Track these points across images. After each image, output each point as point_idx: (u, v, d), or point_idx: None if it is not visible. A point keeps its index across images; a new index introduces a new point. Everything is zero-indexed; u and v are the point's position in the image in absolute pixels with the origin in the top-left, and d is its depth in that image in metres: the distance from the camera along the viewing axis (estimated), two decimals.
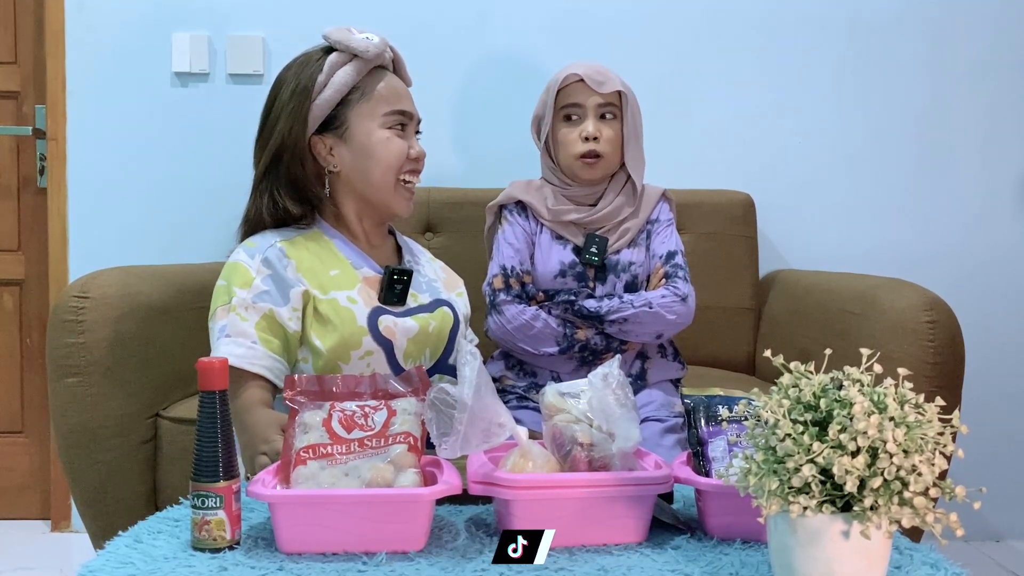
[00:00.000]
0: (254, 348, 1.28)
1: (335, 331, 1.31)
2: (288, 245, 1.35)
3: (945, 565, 0.92)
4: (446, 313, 1.44)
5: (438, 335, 1.42)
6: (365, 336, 1.32)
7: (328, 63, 1.37)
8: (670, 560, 0.94)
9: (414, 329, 1.37)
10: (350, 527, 0.94)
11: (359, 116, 1.38)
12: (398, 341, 1.35)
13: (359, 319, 1.32)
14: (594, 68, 1.62)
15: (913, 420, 0.80)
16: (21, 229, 2.40)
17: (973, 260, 2.36)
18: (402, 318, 1.37)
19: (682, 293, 1.60)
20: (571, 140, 1.62)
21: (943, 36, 2.34)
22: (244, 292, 1.30)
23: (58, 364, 1.52)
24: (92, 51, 2.27)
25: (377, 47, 1.37)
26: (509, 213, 1.70)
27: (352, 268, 1.38)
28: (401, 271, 1.39)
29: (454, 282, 1.55)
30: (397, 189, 1.40)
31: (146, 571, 0.88)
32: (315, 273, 1.34)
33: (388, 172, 1.39)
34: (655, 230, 1.68)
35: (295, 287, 1.31)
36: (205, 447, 0.94)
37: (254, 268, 1.32)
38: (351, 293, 1.34)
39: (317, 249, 1.38)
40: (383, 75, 1.40)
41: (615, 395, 1.02)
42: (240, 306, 1.30)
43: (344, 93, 1.37)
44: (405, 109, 1.40)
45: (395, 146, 1.39)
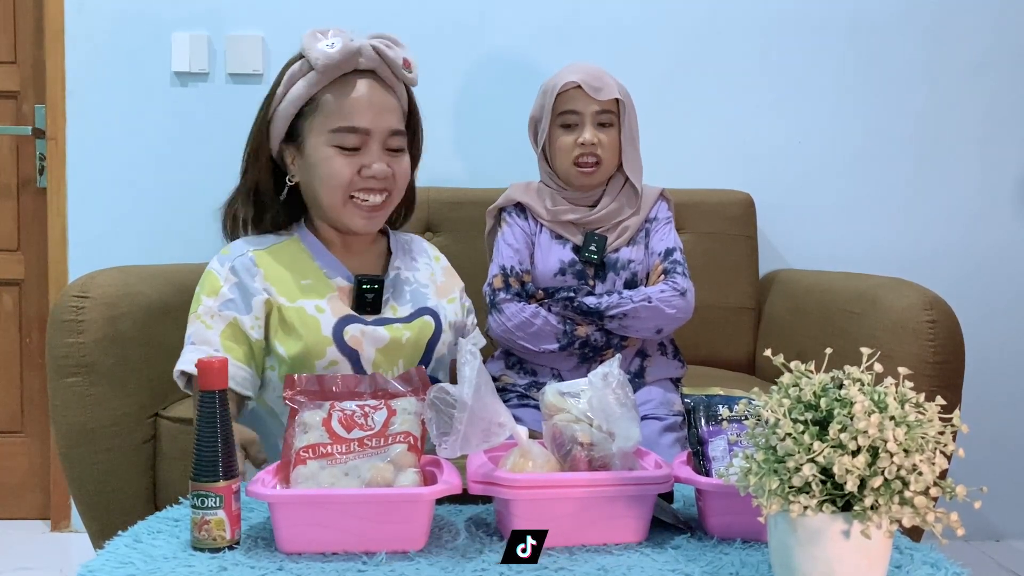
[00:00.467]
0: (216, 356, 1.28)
1: (299, 339, 1.30)
2: (260, 254, 1.36)
3: (945, 565, 0.92)
4: (426, 323, 1.39)
5: (413, 346, 1.37)
6: (329, 346, 1.30)
7: (288, 73, 1.34)
8: (670, 560, 0.94)
9: (384, 339, 1.33)
10: (350, 527, 0.94)
11: (310, 131, 1.34)
12: (365, 351, 1.32)
13: (324, 328, 1.30)
14: (592, 74, 1.62)
15: (913, 419, 0.80)
16: (21, 229, 2.40)
17: (973, 259, 2.36)
18: (373, 327, 1.33)
19: (681, 288, 1.60)
20: (568, 147, 1.63)
21: (942, 36, 2.34)
22: (210, 300, 1.32)
23: (58, 364, 1.52)
24: (92, 51, 2.26)
25: (331, 58, 1.29)
26: (508, 215, 1.71)
27: (326, 277, 1.36)
28: (371, 279, 1.35)
29: (449, 287, 1.51)
30: (347, 207, 1.34)
31: (146, 571, 0.88)
32: (284, 282, 1.33)
33: (332, 192, 1.33)
34: (653, 228, 1.68)
35: (257, 296, 1.31)
36: (205, 447, 0.94)
37: (222, 276, 1.33)
38: (320, 302, 1.32)
39: (291, 258, 1.37)
40: (346, 85, 1.32)
41: (615, 395, 1.02)
42: (206, 314, 1.31)
43: (300, 105, 1.34)
44: (355, 125, 1.31)
45: (336, 166, 1.31)
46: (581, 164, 1.62)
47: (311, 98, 1.33)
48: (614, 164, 1.65)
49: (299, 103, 1.34)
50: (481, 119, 2.31)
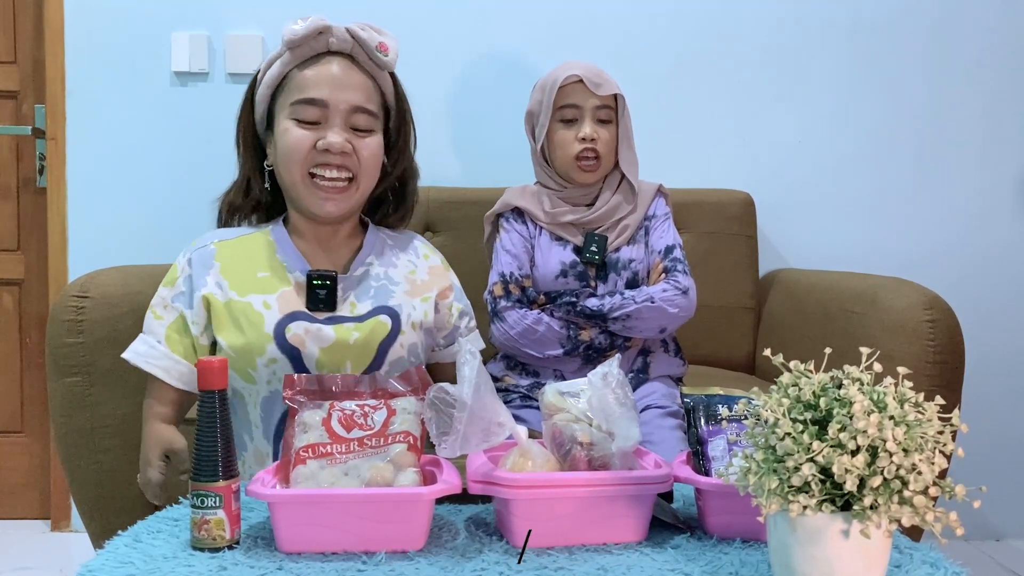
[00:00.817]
0: (155, 348, 1.30)
1: (242, 335, 1.28)
2: (223, 245, 1.36)
3: (945, 564, 0.92)
4: (380, 323, 1.33)
5: (362, 347, 1.31)
6: (269, 343, 1.28)
7: (267, 58, 1.36)
8: (670, 559, 0.94)
9: (330, 339, 1.29)
10: (349, 526, 0.94)
11: (279, 109, 1.34)
12: (308, 349, 1.28)
13: (267, 326, 1.28)
14: (592, 70, 1.63)
15: (913, 419, 0.80)
16: (20, 229, 2.40)
17: (973, 259, 2.36)
18: (319, 325, 1.29)
19: (683, 286, 1.60)
20: (568, 141, 1.63)
21: (943, 36, 2.34)
22: (166, 291, 1.34)
23: (58, 364, 1.52)
24: (91, 51, 2.26)
25: (296, 32, 1.29)
26: (506, 221, 1.70)
27: (285, 271, 1.34)
28: (323, 275, 1.32)
29: (427, 287, 1.43)
30: (306, 185, 1.32)
31: (146, 571, 0.88)
32: (240, 274, 1.33)
33: (291, 167, 1.31)
34: (653, 225, 1.68)
35: (199, 291, 1.31)
36: (204, 447, 0.94)
37: (180, 268, 1.35)
38: (268, 298, 1.30)
39: (254, 250, 1.36)
40: (316, 63, 1.32)
41: (615, 394, 1.02)
42: (158, 305, 1.33)
43: (274, 86, 1.35)
44: (312, 96, 1.29)
45: (291, 137, 1.30)
46: (582, 159, 1.62)
47: (284, 77, 1.34)
48: (611, 160, 1.66)
49: (273, 83, 1.35)
50: (481, 119, 2.31)
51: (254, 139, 1.41)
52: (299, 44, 1.31)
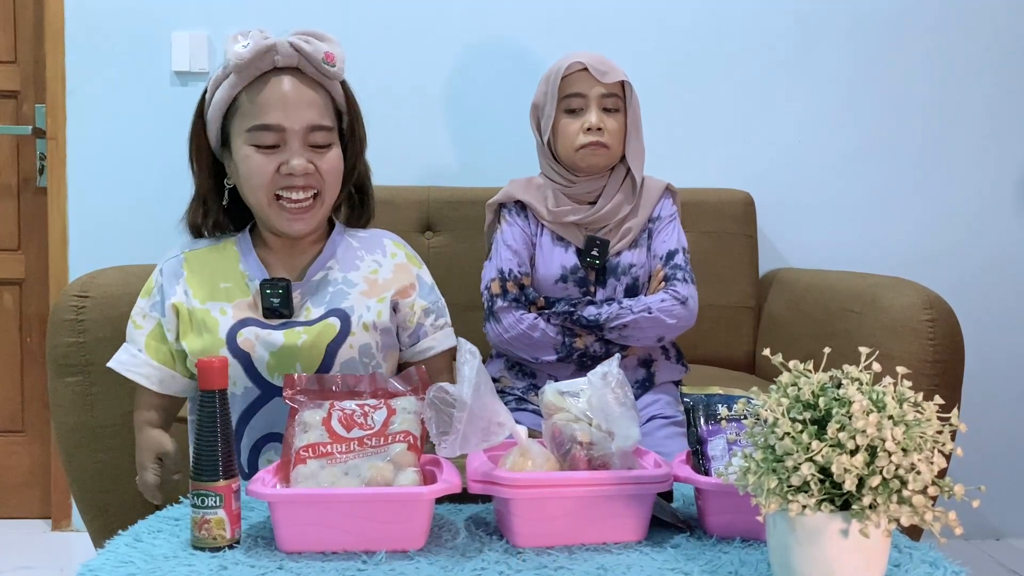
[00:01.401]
0: (136, 356, 1.33)
1: (200, 340, 1.32)
2: (191, 255, 1.39)
3: (944, 564, 0.92)
4: (328, 325, 1.32)
5: (309, 349, 1.31)
6: (222, 347, 1.30)
7: (213, 78, 1.35)
8: (669, 559, 0.94)
9: (278, 344, 1.30)
10: (350, 526, 0.94)
11: (234, 132, 1.34)
12: (257, 353, 1.30)
13: (221, 331, 1.31)
14: (597, 58, 1.59)
15: (912, 418, 0.80)
16: (21, 228, 2.40)
17: (974, 259, 2.36)
18: (268, 330, 1.31)
19: (682, 296, 1.57)
20: (573, 131, 1.59)
21: (944, 35, 2.34)
22: (143, 301, 1.37)
23: (58, 363, 1.52)
24: (92, 50, 2.26)
25: (242, 57, 1.27)
26: (508, 213, 1.67)
27: (245, 281, 1.36)
28: (275, 283, 1.33)
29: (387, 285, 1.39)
30: (272, 207, 1.32)
31: (146, 570, 0.88)
32: (204, 284, 1.36)
33: (255, 192, 1.32)
34: (657, 228, 1.65)
35: (169, 300, 1.34)
36: (204, 446, 0.94)
37: (155, 278, 1.38)
38: (225, 306, 1.33)
39: (218, 261, 1.38)
40: (264, 84, 1.31)
41: (614, 394, 1.02)
42: (137, 315, 1.36)
43: (224, 109, 1.34)
44: (268, 122, 1.29)
45: (253, 164, 1.31)
46: (587, 147, 1.58)
47: (233, 100, 1.33)
48: (619, 150, 1.62)
49: (223, 106, 1.34)
50: (481, 117, 2.31)
51: (209, 158, 1.40)
52: (246, 67, 1.30)
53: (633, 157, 1.63)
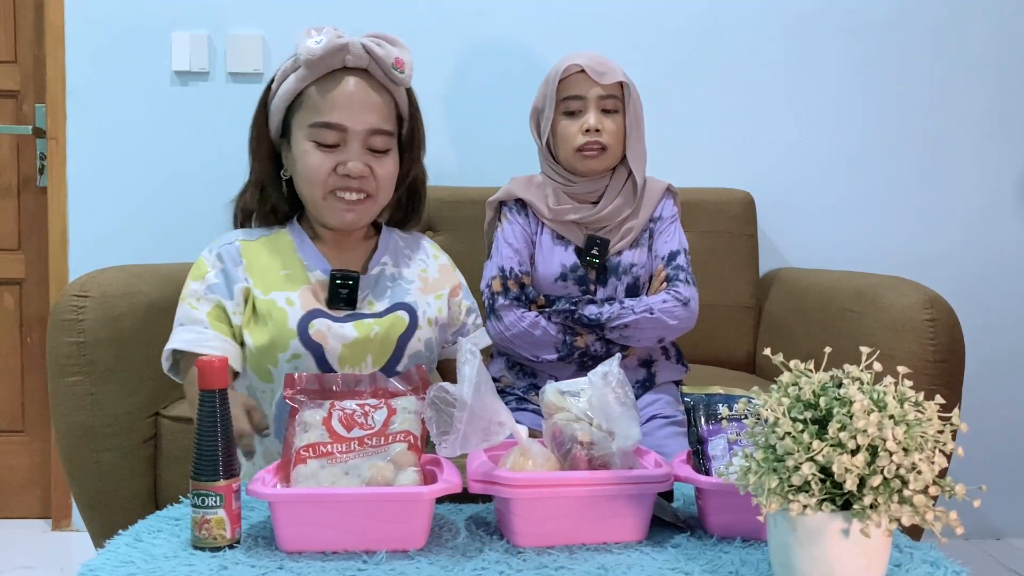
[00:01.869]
0: (204, 332, 1.31)
1: (266, 331, 1.31)
2: (246, 244, 1.39)
3: (945, 563, 0.92)
4: (398, 318, 1.37)
5: (382, 341, 1.35)
6: (293, 339, 1.30)
7: (282, 69, 1.37)
8: (670, 558, 0.94)
9: (351, 336, 1.32)
10: (350, 526, 0.94)
11: (296, 125, 1.36)
12: (330, 345, 1.31)
13: (290, 322, 1.31)
14: (595, 59, 1.59)
15: (913, 418, 0.80)
16: (21, 228, 2.40)
17: (974, 259, 2.36)
18: (341, 323, 1.33)
19: (683, 297, 1.57)
20: (572, 133, 1.59)
21: (944, 35, 2.34)
22: (196, 284, 1.35)
23: (58, 363, 1.52)
24: (92, 50, 2.26)
25: (314, 53, 1.30)
26: (509, 211, 1.67)
27: (304, 270, 1.37)
28: (346, 275, 1.35)
29: (439, 284, 1.47)
30: (327, 202, 1.35)
31: (146, 570, 0.88)
32: (264, 272, 1.35)
33: (310, 187, 1.34)
34: (658, 228, 1.65)
35: (238, 284, 1.34)
36: (205, 446, 0.94)
37: (209, 263, 1.37)
38: (291, 295, 1.33)
39: (275, 249, 1.39)
40: (333, 81, 1.33)
41: (615, 393, 1.02)
42: (191, 296, 1.34)
43: (289, 101, 1.36)
44: (331, 121, 1.32)
45: (311, 161, 1.33)
46: (586, 150, 1.58)
47: (299, 93, 1.35)
48: (619, 151, 1.61)
49: (288, 98, 1.36)
50: (481, 116, 2.31)
51: (268, 147, 1.42)
52: (317, 63, 1.31)
53: (634, 159, 1.63)
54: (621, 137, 1.61)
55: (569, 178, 1.64)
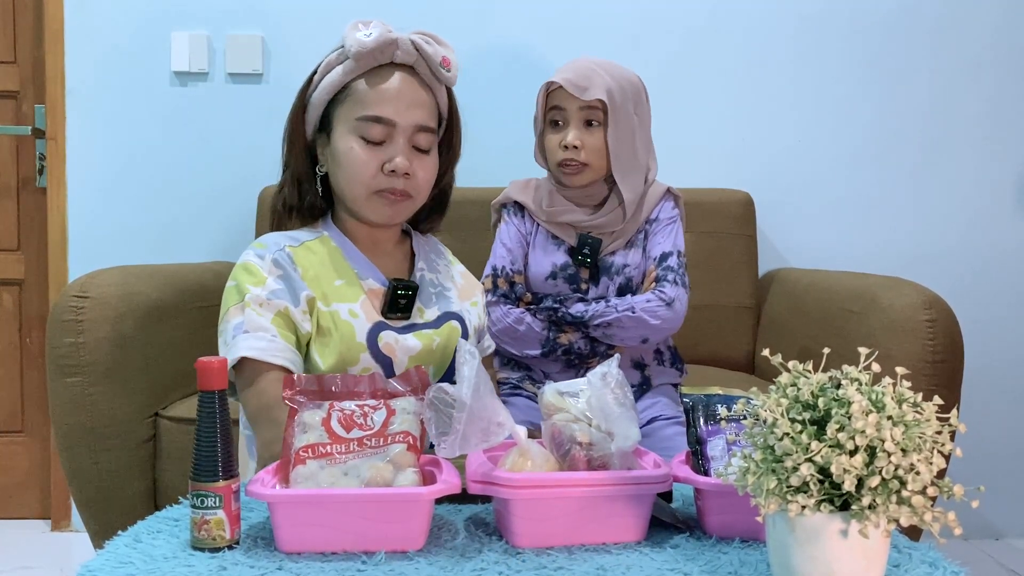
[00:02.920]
0: (275, 341, 1.23)
1: (334, 346, 1.26)
2: (295, 251, 1.31)
3: (943, 564, 0.92)
4: (453, 328, 1.36)
5: (443, 351, 1.34)
6: (364, 352, 1.26)
7: (325, 61, 1.32)
8: (669, 559, 0.94)
9: (416, 348, 1.30)
10: (349, 526, 0.94)
11: (339, 119, 1.31)
12: (398, 359, 1.28)
13: (359, 335, 1.27)
14: (581, 72, 1.57)
15: (911, 419, 0.80)
16: (20, 229, 2.41)
17: (973, 259, 2.36)
18: (404, 335, 1.30)
19: (668, 297, 1.56)
20: (554, 147, 1.60)
21: (944, 35, 2.34)
22: (258, 290, 1.26)
23: (58, 364, 1.53)
24: (91, 50, 2.27)
25: (365, 46, 1.27)
26: (507, 213, 1.70)
27: (357, 279, 1.32)
28: (406, 285, 1.31)
29: (470, 290, 1.46)
30: (370, 200, 1.31)
31: (145, 571, 0.88)
32: (319, 282, 1.29)
33: (352, 183, 1.30)
34: (653, 230, 1.65)
35: (303, 291, 1.27)
36: (204, 447, 0.94)
37: (265, 268, 1.28)
38: (353, 306, 1.28)
39: (324, 256, 1.33)
40: (380, 76, 1.30)
41: (614, 394, 1.02)
42: (255, 302, 1.25)
43: (333, 93, 1.31)
44: (380, 115, 1.28)
45: (356, 157, 1.29)
46: (564, 165, 1.59)
47: (344, 86, 1.31)
48: (602, 165, 1.60)
49: (333, 90, 1.31)
50: (481, 116, 2.29)
51: (304, 141, 1.37)
52: (366, 56, 1.28)
53: (622, 174, 1.60)
54: (603, 152, 1.59)
55: (564, 182, 1.66)
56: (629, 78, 1.62)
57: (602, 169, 1.61)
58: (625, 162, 1.61)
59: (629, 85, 1.61)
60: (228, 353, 1.23)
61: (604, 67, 1.60)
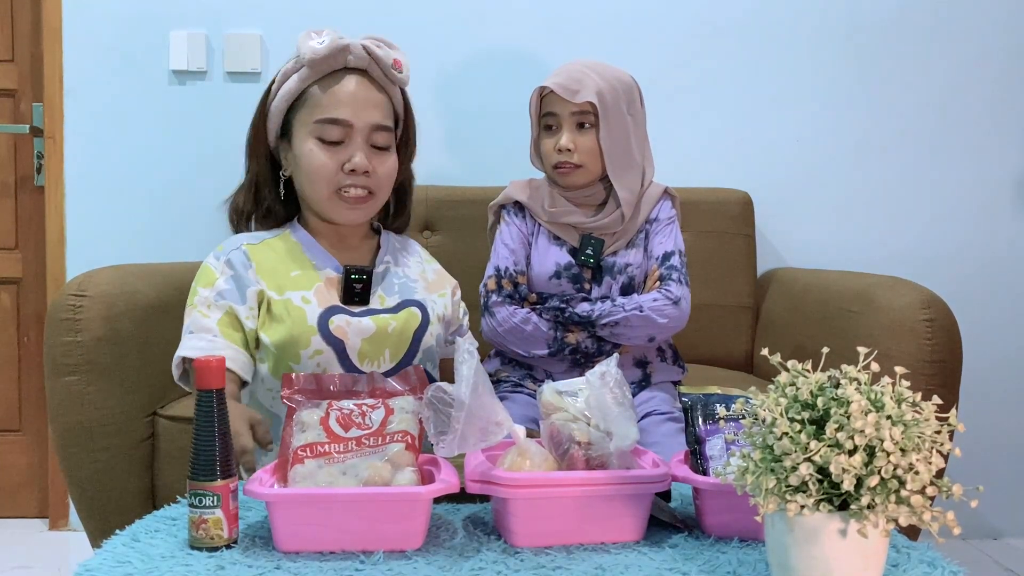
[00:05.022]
0: (215, 340, 1.31)
1: (285, 329, 1.33)
2: (253, 248, 1.40)
3: (942, 563, 0.92)
4: (412, 313, 1.42)
5: (399, 336, 1.40)
6: (314, 335, 1.33)
7: (283, 70, 1.40)
8: (668, 559, 0.94)
9: (370, 329, 1.36)
10: (347, 526, 0.94)
11: (298, 124, 1.39)
12: (350, 341, 1.34)
13: (310, 318, 1.33)
14: (572, 76, 1.57)
15: (910, 419, 0.80)
16: (18, 227, 2.40)
17: (972, 259, 2.36)
18: (358, 318, 1.36)
19: (674, 296, 1.57)
20: (548, 151, 1.62)
21: (943, 35, 2.34)
22: (206, 291, 1.35)
23: (56, 362, 1.52)
24: (90, 49, 2.26)
25: (317, 52, 1.34)
26: (507, 213, 1.69)
27: (314, 269, 1.40)
28: (359, 271, 1.38)
29: (440, 284, 1.54)
30: (332, 200, 1.38)
31: (143, 570, 0.88)
32: (275, 274, 1.37)
33: (315, 184, 1.37)
34: (654, 230, 1.65)
35: (251, 287, 1.35)
36: (202, 446, 0.94)
37: (218, 269, 1.37)
38: (306, 293, 1.36)
39: (282, 250, 1.41)
40: (336, 80, 1.37)
41: (613, 394, 1.02)
42: (202, 304, 1.34)
43: (291, 100, 1.39)
44: (336, 117, 1.35)
45: (317, 159, 1.36)
46: (558, 167, 1.61)
47: (301, 92, 1.38)
48: (596, 166, 1.61)
49: (290, 98, 1.38)
50: (478, 116, 2.31)
51: (266, 148, 1.45)
52: (320, 62, 1.35)
53: (617, 175, 1.61)
54: (597, 153, 1.60)
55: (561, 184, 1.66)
56: (621, 78, 1.62)
57: (597, 170, 1.62)
58: (620, 162, 1.62)
59: (621, 85, 1.61)
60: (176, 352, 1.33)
61: (595, 69, 1.60)
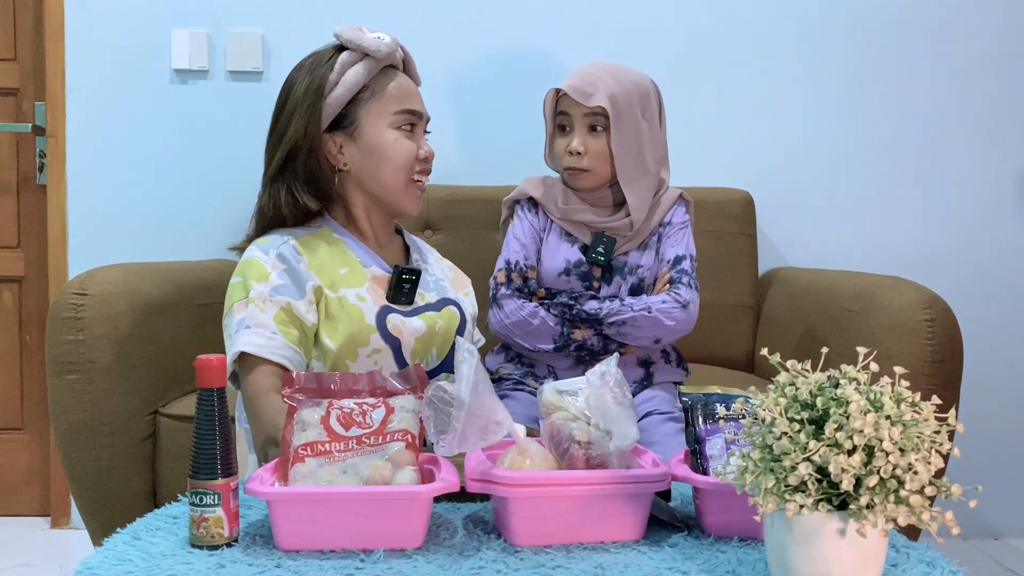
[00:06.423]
0: (274, 338, 1.27)
1: (344, 328, 1.31)
2: (300, 243, 1.36)
3: (941, 563, 0.92)
4: (453, 312, 1.45)
5: (445, 334, 1.42)
6: (373, 334, 1.32)
7: (339, 61, 1.38)
8: (667, 558, 0.94)
9: (421, 329, 1.37)
10: (348, 524, 0.94)
11: (369, 115, 1.38)
12: (405, 340, 1.35)
13: (367, 317, 1.33)
14: (586, 79, 1.58)
15: (909, 419, 0.80)
16: (20, 226, 2.41)
17: (972, 259, 2.36)
18: (409, 317, 1.37)
19: (683, 299, 1.58)
20: (560, 152, 1.63)
21: (944, 35, 2.34)
22: (261, 285, 1.30)
23: (57, 361, 1.53)
24: (92, 48, 2.26)
25: (388, 46, 1.38)
26: (521, 209, 1.70)
27: (361, 267, 1.38)
28: (410, 270, 1.39)
29: (461, 281, 1.55)
30: (408, 188, 1.41)
31: (144, 568, 0.88)
32: (325, 271, 1.35)
33: (398, 172, 1.40)
34: (667, 233, 1.65)
35: (309, 281, 1.31)
36: (203, 444, 0.94)
37: (269, 263, 1.32)
38: (360, 291, 1.35)
39: (327, 247, 1.38)
40: (394, 75, 1.41)
41: (613, 393, 1.02)
42: (258, 299, 1.29)
43: (355, 91, 1.38)
44: (415, 109, 1.41)
45: (403, 147, 1.39)
46: (569, 169, 1.62)
47: (366, 84, 1.39)
48: (606, 170, 1.61)
49: (354, 88, 1.38)
50: (481, 116, 2.31)
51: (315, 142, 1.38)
52: (385, 56, 1.39)
53: (627, 179, 1.61)
54: (607, 158, 1.60)
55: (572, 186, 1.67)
56: (637, 82, 1.61)
57: (606, 174, 1.62)
58: (630, 167, 1.61)
59: (636, 89, 1.60)
60: (230, 347, 1.29)
61: (611, 72, 1.59)
